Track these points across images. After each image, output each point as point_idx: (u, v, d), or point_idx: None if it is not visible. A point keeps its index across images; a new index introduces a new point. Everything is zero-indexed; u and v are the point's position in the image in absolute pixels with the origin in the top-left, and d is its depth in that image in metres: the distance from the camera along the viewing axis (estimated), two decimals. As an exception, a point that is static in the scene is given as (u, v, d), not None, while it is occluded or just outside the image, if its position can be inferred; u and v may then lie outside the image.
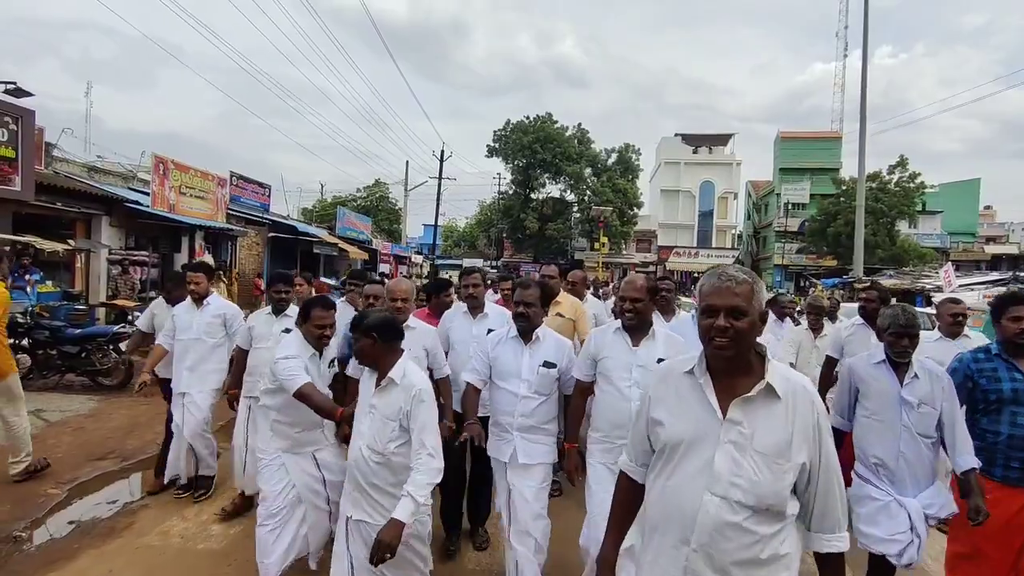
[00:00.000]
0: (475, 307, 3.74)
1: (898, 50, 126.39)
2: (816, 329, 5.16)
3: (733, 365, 1.41)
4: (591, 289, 10.49)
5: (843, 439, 2.83)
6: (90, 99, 46.50)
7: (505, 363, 2.98)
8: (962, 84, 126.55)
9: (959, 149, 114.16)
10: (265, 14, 21.73)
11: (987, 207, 47.89)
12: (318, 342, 2.95)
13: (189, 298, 4.22)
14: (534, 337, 2.98)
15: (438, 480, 2.33)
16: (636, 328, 2.76)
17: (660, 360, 2.61)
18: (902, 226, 34.96)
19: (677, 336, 2.89)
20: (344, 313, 3.91)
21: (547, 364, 2.93)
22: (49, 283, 10.49)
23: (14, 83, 9.42)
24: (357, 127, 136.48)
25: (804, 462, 1.36)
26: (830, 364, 4.19)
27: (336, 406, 2.82)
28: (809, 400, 1.40)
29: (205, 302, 4.20)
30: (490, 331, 3.39)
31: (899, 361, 2.64)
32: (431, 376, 3.15)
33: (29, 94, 9.52)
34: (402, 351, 2.55)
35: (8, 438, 4.34)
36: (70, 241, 11.00)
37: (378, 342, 2.45)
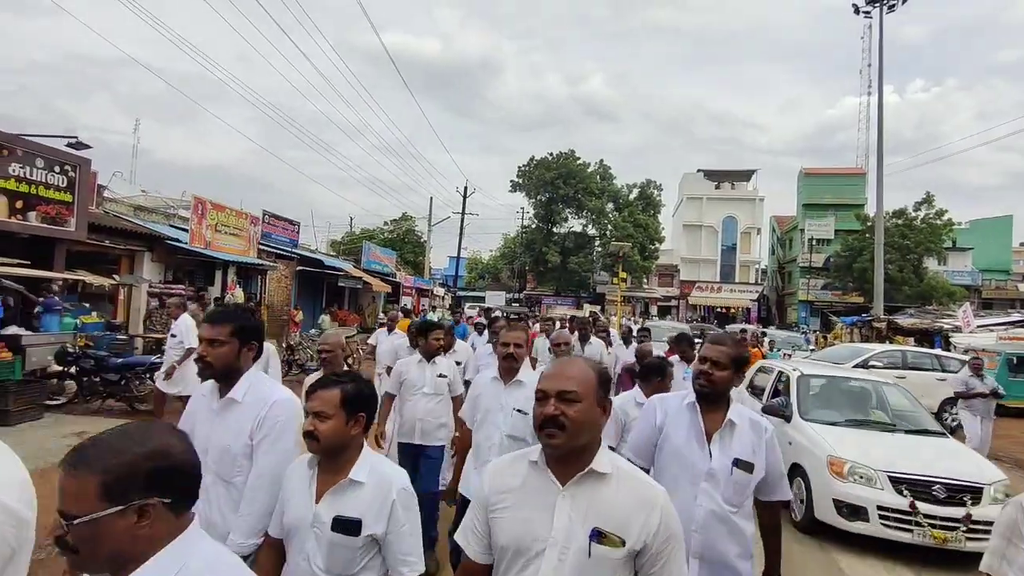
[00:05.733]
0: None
1: (931, 84, 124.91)
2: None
3: None
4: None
5: None
6: (138, 135, 49.63)
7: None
8: (999, 118, 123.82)
9: (998, 183, 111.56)
10: (306, 56, 23.16)
11: (1023, 244, 46.62)
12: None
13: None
14: None
15: None
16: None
17: None
18: (931, 263, 34.47)
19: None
20: None
21: None
22: (94, 314, 11.40)
23: (76, 138, 10.59)
24: (387, 162, 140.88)
25: None
26: None
27: None
28: None
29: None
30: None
31: None
32: None
33: (88, 147, 10.65)
34: None
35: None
36: (115, 276, 11.99)
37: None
